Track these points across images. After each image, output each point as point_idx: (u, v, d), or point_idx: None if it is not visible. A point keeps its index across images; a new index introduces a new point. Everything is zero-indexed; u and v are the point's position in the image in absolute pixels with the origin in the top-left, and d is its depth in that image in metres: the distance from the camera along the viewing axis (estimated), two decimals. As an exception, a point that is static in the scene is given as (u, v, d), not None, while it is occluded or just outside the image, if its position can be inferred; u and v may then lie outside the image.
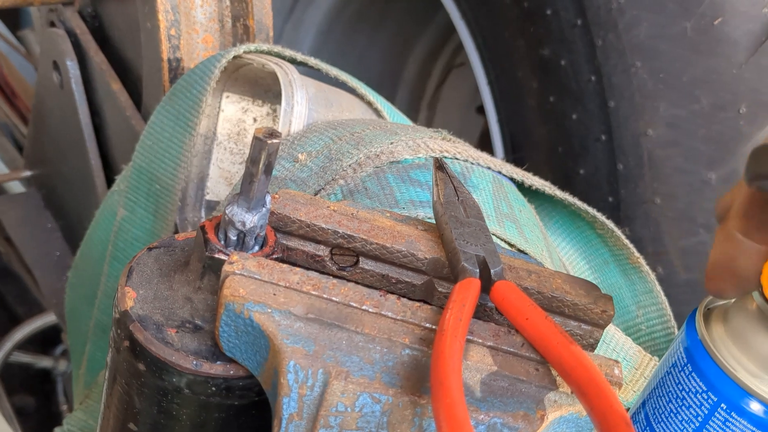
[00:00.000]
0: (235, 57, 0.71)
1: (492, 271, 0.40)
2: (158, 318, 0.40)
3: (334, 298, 0.39)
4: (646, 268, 0.75)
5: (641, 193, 0.98)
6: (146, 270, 0.43)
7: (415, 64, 1.67)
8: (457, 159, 0.65)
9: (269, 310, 0.37)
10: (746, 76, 0.89)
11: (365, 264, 0.43)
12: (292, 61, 0.74)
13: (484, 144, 1.62)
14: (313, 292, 0.38)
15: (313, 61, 0.75)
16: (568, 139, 1.05)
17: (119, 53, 0.88)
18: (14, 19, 1.47)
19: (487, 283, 0.40)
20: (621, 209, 1.00)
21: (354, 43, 1.58)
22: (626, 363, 0.65)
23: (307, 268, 0.43)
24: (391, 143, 0.64)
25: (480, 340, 0.38)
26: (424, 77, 1.68)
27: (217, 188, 0.77)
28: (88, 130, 0.89)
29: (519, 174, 0.69)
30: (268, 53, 0.73)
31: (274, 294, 0.38)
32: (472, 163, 0.65)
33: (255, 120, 0.78)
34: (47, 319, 1.25)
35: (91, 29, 0.88)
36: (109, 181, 0.90)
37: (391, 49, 1.64)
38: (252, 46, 0.72)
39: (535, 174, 0.76)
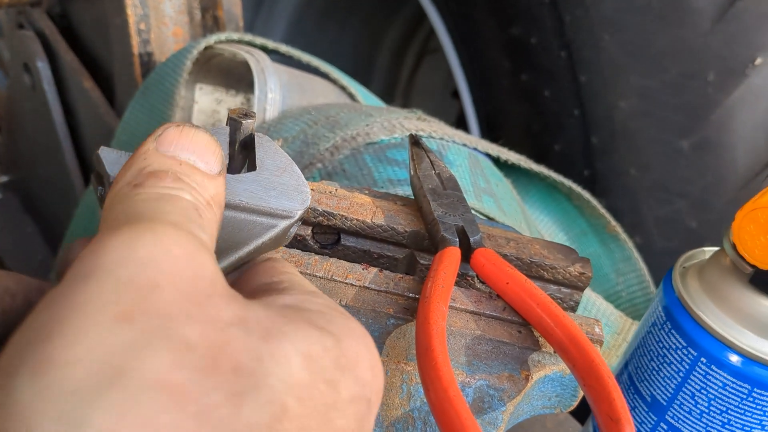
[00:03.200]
0: (206, 48, 0.71)
1: (471, 239, 0.41)
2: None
3: (317, 274, 0.39)
4: (624, 236, 0.77)
5: (616, 164, 0.99)
6: None
7: (388, 52, 1.67)
8: (432, 137, 0.65)
9: (254, 289, 0.38)
10: (712, 44, 0.91)
11: (347, 241, 0.44)
12: (264, 49, 0.74)
13: (460, 128, 1.62)
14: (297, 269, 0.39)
15: (284, 48, 0.75)
16: (542, 116, 1.05)
17: (89, 51, 0.87)
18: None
19: (467, 252, 0.41)
20: (597, 182, 1.01)
21: (325, 34, 1.58)
22: (608, 329, 0.66)
23: (290, 248, 0.43)
24: (367, 125, 0.65)
25: (463, 307, 0.39)
26: (398, 64, 1.68)
27: (196, 180, 0.76)
28: (63, 129, 0.88)
29: (494, 149, 0.70)
30: (239, 42, 0.73)
31: (258, 272, 0.38)
32: (448, 141, 0.66)
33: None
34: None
35: (60, 29, 0.88)
36: (87, 180, 0.90)
37: (364, 38, 1.64)
38: (222, 36, 0.72)
39: (512, 152, 0.76)
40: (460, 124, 1.64)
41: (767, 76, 0.89)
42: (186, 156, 0.29)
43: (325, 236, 0.44)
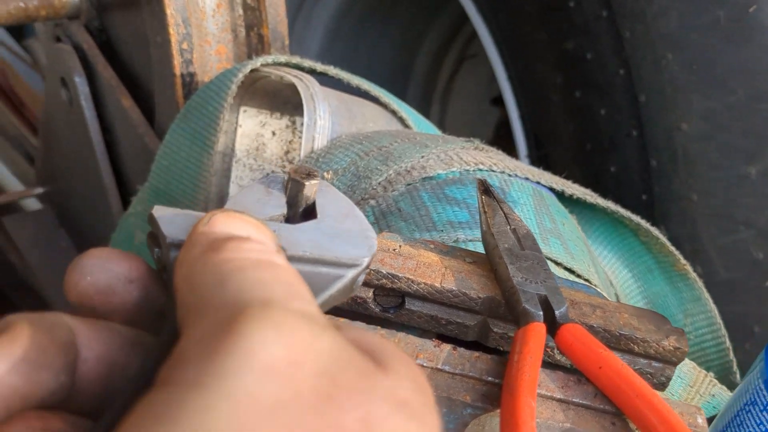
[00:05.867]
0: (252, 70, 0.67)
1: (556, 312, 0.36)
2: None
3: (384, 351, 0.35)
4: (693, 274, 0.71)
5: (676, 189, 0.94)
6: None
7: (427, 57, 1.63)
8: (493, 171, 0.61)
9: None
10: (784, 65, 0.86)
11: (411, 305, 0.40)
12: (311, 71, 0.70)
13: (500, 136, 1.58)
14: (361, 345, 0.35)
15: (333, 71, 0.71)
16: (596, 136, 1.01)
17: (128, 68, 0.84)
18: (19, 28, 1.44)
19: (551, 326, 0.36)
20: (655, 207, 0.97)
21: (364, 39, 1.55)
22: (680, 381, 0.61)
23: (350, 311, 0.39)
24: (422, 157, 0.61)
25: (549, 393, 0.35)
26: (436, 70, 1.65)
27: (238, 207, 0.73)
28: (100, 148, 0.85)
29: (558, 183, 0.66)
30: (286, 65, 0.70)
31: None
32: (510, 175, 0.61)
33: (274, 133, 0.74)
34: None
35: (99, 44, 0.84)
36: (124, 200, 0.87)
37: (402, 43, 1.60)
38: (269, 58, 0.68)
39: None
40: (500, 132, 1.59)
41: None
42: (242, 234, 0.27)
43: (387, 299, 0.40)
